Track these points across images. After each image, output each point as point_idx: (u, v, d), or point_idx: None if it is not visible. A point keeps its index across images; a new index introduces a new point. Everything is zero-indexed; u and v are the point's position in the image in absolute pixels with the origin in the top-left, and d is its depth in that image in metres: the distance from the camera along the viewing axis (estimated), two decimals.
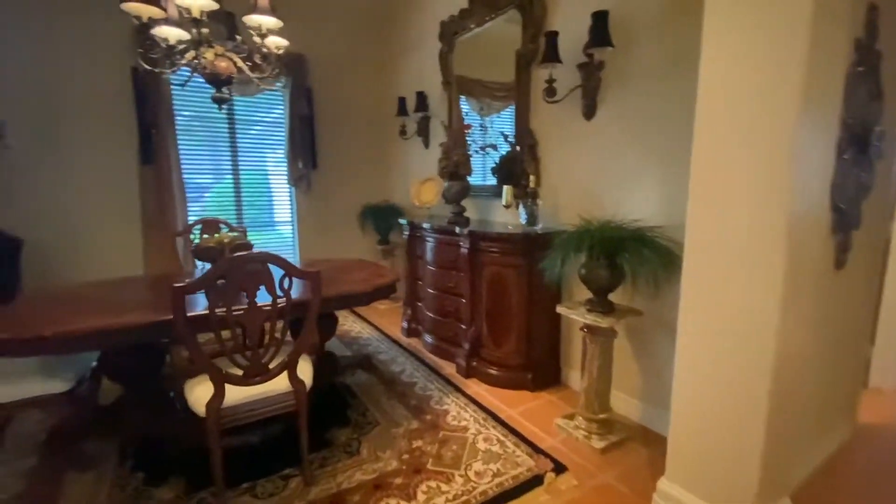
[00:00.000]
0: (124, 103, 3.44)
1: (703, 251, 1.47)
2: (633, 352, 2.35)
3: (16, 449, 2.10)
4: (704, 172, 1.45)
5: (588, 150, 2.50)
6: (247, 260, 1.58)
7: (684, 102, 1.69)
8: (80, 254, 3.42)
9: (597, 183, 2.46)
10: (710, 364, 1.49)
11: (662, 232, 1.96)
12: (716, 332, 1.46)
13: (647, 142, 2.18)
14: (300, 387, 1.80)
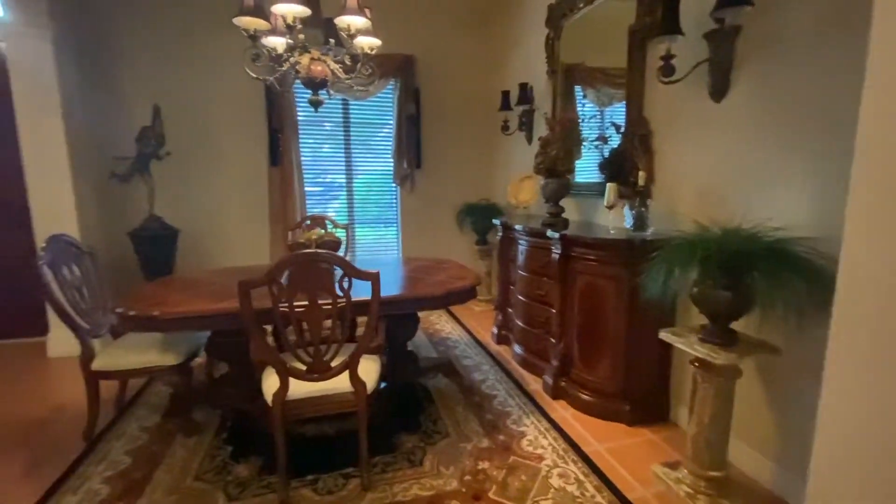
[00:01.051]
0: (257, 112, 3.89)
1: (866, 274, 1.02)
2: (766, 398, 1.83)
3: (147, 408, 2.49)
4: (872, 169, 1.00)
5: (715, 139, 2.02)
6: (307, 259, 1.58)
7: (850, 75, 1.21)
8: (220, 242, 3.97)
9: (725, 180, 1.98)
10: (866, 428, 1.03)
11: (812, 245, 1.46)
12: (879, 385, 1.00)
13: (796, 127, 1.66)
14: (360, 388, 1.77)
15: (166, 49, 3.64)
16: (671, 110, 2.27)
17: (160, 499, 1.77)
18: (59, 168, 3.12)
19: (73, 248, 2.26)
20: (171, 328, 1.91)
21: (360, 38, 2.33)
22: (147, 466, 1.98)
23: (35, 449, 2.14)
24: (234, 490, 1.82)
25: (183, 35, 3.65)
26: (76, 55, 3.28)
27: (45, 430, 2.31)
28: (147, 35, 3.59)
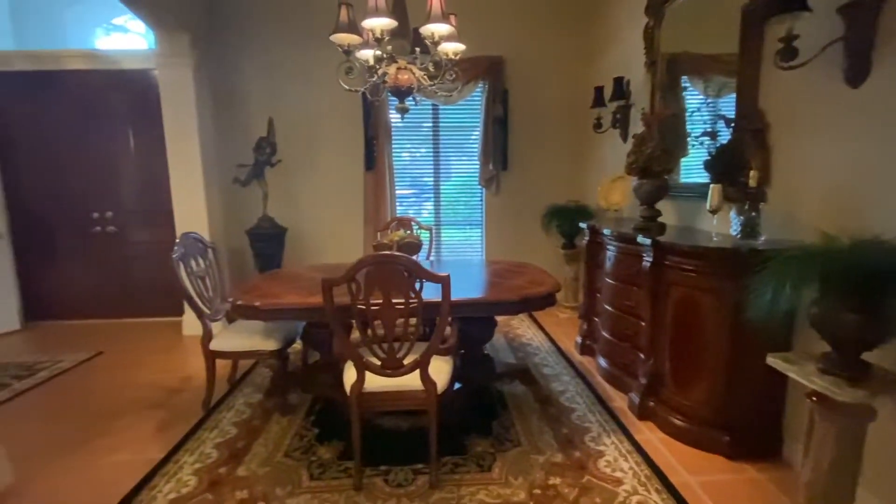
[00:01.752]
0: (356, 121, 4.17)
1: None
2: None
3: (253, 386, 2.81)
4: None
5: (850, 132, 1.70)
6: (381, 260, 1.66)
7: None
8: (321, 240, 4.34)
9: (861, 181, 1.65)
10: None
11: None
12: None
13: None
14: (431, 387, 1.81)
15: (279, 68, 4.08)
16: (793, 99, 1.96)
17: (256, 469, 1.99)
18: (194, 176, 3.67)
19: (199, 243, 2.64)
20: (269, 318, 2.14)
21: (444, 45, 2.38)
22: (248, 438, 2.23)
23: (166, 412, 2.54)
24: (315, 470, 1.97)
25: (292, 54, 4.06)
26: (209, 78, 3.83)
27: (175, 396, 2.73)
28: (263, 57, 4.07)
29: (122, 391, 2.82)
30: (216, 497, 1.81)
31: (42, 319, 4.19)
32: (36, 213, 4.08)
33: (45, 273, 4.17)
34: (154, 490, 1.86)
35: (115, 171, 4.10)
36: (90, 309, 4.25)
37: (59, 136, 4.01)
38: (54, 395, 2.82)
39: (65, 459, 2.10)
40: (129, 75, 3.93)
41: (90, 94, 3.97)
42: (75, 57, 3.89)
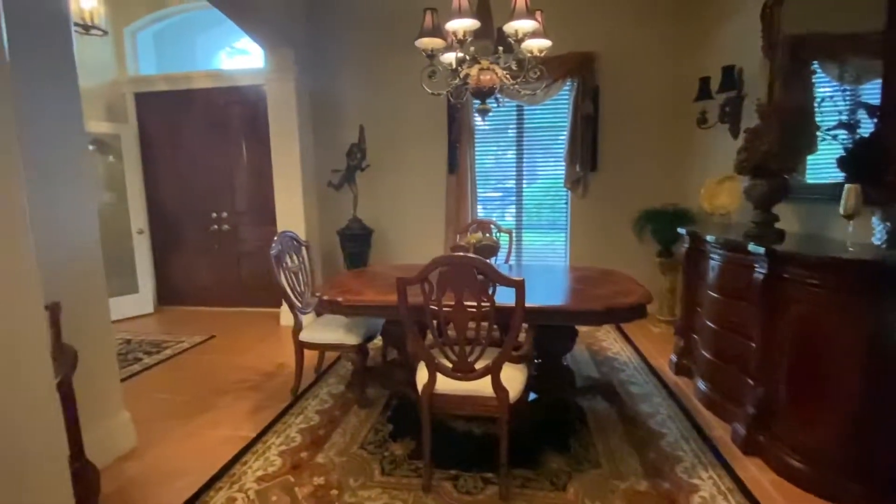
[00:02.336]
0: (440, 125, 4.24)
1: None
2: None
3: (336, 378, 2.96)
4: None
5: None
6: (454, 261, 1.63)
7: None
8: (405, 241, 4.47)
9: None
10: None
11: None
12: None
13: None
14: (502, 394, 1.75)
15: (370, 77, 4.30)
16: None
17: (333, 457, 2.08)
18: (294, 180, 4.00)
19: (294, 241, 2.85)
20: (350, 313, 2.24)
21: (528, 42, 2.31)
22: (329, 427, 2.35)
23: (261, 394, 2.77)
24: (387, 466, 2.01)
25: (382, 63, 4.25)
26: (309, 90, 4.15)
27: (269, 381, 2.98)
28: (356, 68, 4.31)
29: (227, 372, 3.14)
30: (296, 480, 1.92)
31: (170, 304, 4.86)
32: (168, 213, 4.75)
33: (174, 264, 4.83)
34: (245, 465, 2.03)
35: (230, 177, 4.63)
36: (207, 297, 4.83)
37: (188, 146, 4.63)
38: (174, 370, 3.23)
39: (177, 428, 2.39)
40: (245, 91, 4.41)
41: (213, 109, 4.53)
42: (202, 77, 4.46)
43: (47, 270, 1.83)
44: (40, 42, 1.80)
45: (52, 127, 1.85)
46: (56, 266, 1.85)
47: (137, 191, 4.58)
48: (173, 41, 4.74)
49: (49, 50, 1.84)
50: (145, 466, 2.07)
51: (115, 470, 2.01)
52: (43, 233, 1.82)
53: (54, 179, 1.87)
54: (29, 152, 1.75)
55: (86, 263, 2.01)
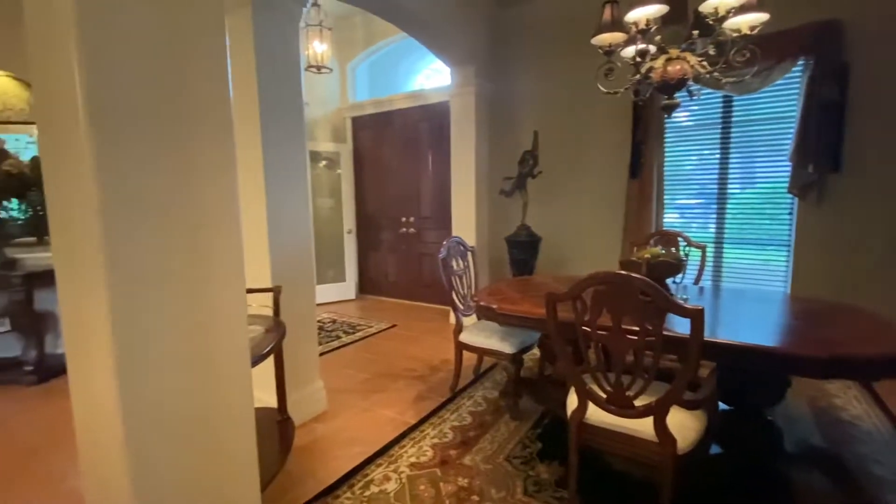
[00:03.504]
0: (623, 126, 3.88)
1: None
2: None
3: (492, 383, 2.99)
4: None
5: None
6: (612, 279, 1.45)
7: None
8: (576, 251, 4.25)
9: None
10: None
11: None
12: None
13: None
14: (667, 442, 1.48)
15: (546, 83, 4.21)
16: None
17: (479, 463, 2.10)
18: (468, 188, 4.22)
19: (461, 246, 3.00)
20: (502, 321, 2.22)
21: (735, 19, 1.91)
22: (479, 430, 2.39)
23: (425, 385, 3.00)
24: (531, 486, 1.93)
25: (560, 68, 4.11)
26: (488, 101, 4.31)
27: (433, 374, 3.21)
28: (532, 76, 4.28)
29: (401, 359, 3.51)
30: (443, 475, 2.01)
31: (367, 293, 5.71)
32: (370, 216, 5.58)
33: (372, 260, 5.66)
34: (402, 449, 2.22)
35: (418, 186, 5.17)
36: (395, 290, 5.51)
37: (387, 160, 5.35)
38: (362, 351, 3.77)
39: (357, 402, 2.77)
40: (434, 108, 4.87)
41: (408, 126, 5.13)
42: (401, 98, 5.10)
43: (274, 260, 2.36)
44: (279, 83, 2.32)
45: (283, 147, 2.36)
46: (279, 257, 2.35)
47: (349, 198, 5.53)
48: (382, 70, 5.55)
49: (284, 89, 2.36)
50: (330, 429, 2.46)
51: (308, 428, 2.45)
52: (274, 230, 2.35)
53: (283, 187, 2.38)
54: (267, 167, 2.28)
55: (301, 256, 2.51)
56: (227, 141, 1.08)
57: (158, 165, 0.95)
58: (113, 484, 0.97)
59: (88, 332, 0.94)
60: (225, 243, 1.09)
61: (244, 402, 1.18)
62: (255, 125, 2.24)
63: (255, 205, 2.31)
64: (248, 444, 1.22)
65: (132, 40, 0.91)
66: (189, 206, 1.02)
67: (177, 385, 1.02)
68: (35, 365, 3.08)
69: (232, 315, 1.12)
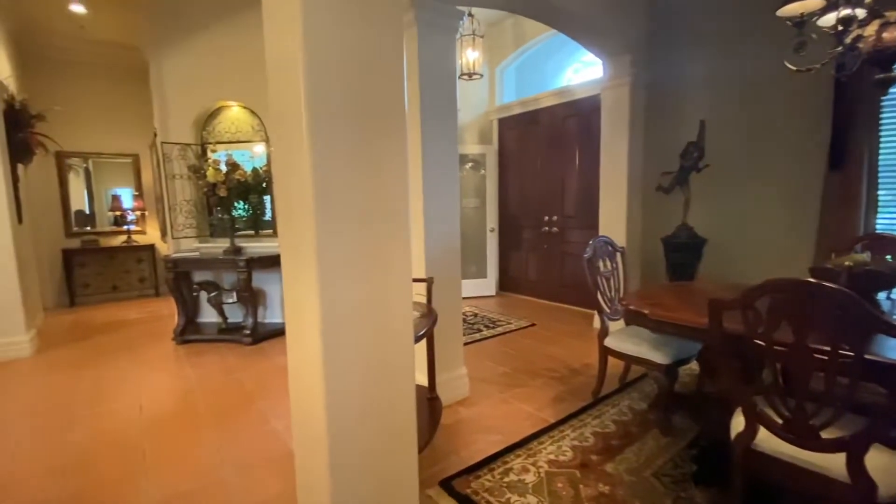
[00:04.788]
0: (819, 109, 3.22)
1: None
2: None
3: (640, 393, 2.81)
4: None
5: None
6: (798, 288, 1.26)
7: None
8: (750, 255, 3.68)
9: None
10: None
11: None
12: None
13: None
14: (864, 485, 1.24)
15: (717, 67, 3.72)
16: None
17: (622, 473, 2.02)
18: (619, 185, 3.99)
19: (609, 246, 2.88)
20: (656, 329, 2.08)
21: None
22: (623, 440, 2.29)
23: (564, 386, 2.97)
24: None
25: (734, 48, 3.59)
26: (644, 92, 4.00)
27: (574, 377, 3.15)
28: (700, 60, 3.81)
29: (540, 358, 3.52)
30: (582, 477, 1.99)
31: (507, 291, 5.84)
32: (512, 215, 5.68)
33: (512, 258, 5.75)
34: (541, 445, 2.26)
35: (563, 184, 5.07)
36: (534, 289, 5.51)
37: (531, 158, 5.37)
38: (502, 345, 3.89)
39: (496, 392, 2.89)
40: (581, 103, 4.72)
41: (554, 124, 5.07)
42: (547, 96, 5.07)
43: (428, 253, 2.61)
44: (437, 91, 2.56)
45: (438, 150, 2.60)
46: (432, 250, 2.60)
47: (493, 197, 5.71)
48: (529, 70, 5.59)
49: (441, 96, 2.59)
50: (472, 414, 2.62)
51: (452, 410, 2.66)
52: (429, 225, 2.60)
53: (437, 186, 2.62)
54: (424, 168, 2.54)
55: (450, 250, 2.73)
56: (402, 141, 1.28)
57: (353, 162, 1.19)
58: (315, 414, 1.24)
59: (303, 301, 1.22)
60: (397, 235, 1.30)
61: (408, 373, 1.38)
62: (416, 130, 2.52)
63: (414, 202, 2.60)
64: (409, 408, 1.42)
65: (337, 63, 1.16)
66: (374, 199, 1.24)
67: (360, 343, 1.26)
68: (252, 329, 3.96)
69: (401, 298, 1.32)
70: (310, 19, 1.09)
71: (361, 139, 1.18)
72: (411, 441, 1.48)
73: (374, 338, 1.28)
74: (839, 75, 1.98)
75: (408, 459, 1.48)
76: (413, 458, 1.50)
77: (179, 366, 3.53)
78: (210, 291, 4.12)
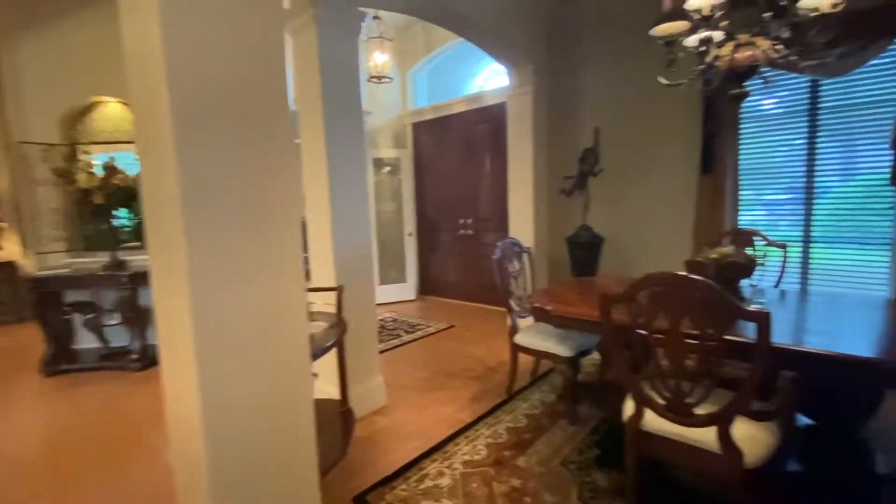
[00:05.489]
0: (692, 119, 3.64)
1: None
2: None
3: (549, 386, 2.95)
4: None
5: None
6: (668, 281, 1.39)
7: None
8: (641, 252, 4.05)
9: None
10: None
11: None
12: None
13: None
14: (732, 455, 1.39)
15: (608, 78, 4.06)
16: None
17: (533, 465, 2.09)
18: (525, 189, 4.18)
19: (516, 247, 3.00)
20: (557, 324, 2.19)
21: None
22: (534, 433, 2.37)
23: (481, 385, 3.03)
24: (586, 493, 1.88)
25: (621, 63, 3.94)
26: (546, 101, 4.24)
27: (490, 375, 3.22)
28: (593, 72, 4.14)
29: (459, 359, 3.56)
30: (496, 474, 2.02)
31: (427, 294, 5.85)
32: (429, 219, 5.71)
33: (431, 261, 5.78)
34: (457, 446, 2.27)
35: (477, 187, 5.21)
36: (454, 291, 5.59)
37: (446, 163, 5.45)
38: (421, 349, 3.88)
39: (415, 398, 2.86)
40: (492, 109, 4.88)
41: (466, 129, 5.19)
42: (458, 102, 5.18)
43: (337, 260, 2.51)
44: (341, 92, 2.48)
45: (345, 153, 2.51)
46: (342, 257, 2.50)
47: (410, 201, 5.69)
48: (441, 75, 5.67)
49: (346, 97, 2.51)
50: (389, 423, 2.57)
51: (369, 420, 2.58)
52: (338, 232, 2.50)
53: (346, 191, 2.53)
54: (331, 172, 2.44)
55: (362, 256, 2.65)
56: (288, 141, 1.19)
57: (229, 163, 1.07)
58: (192, 445, 1.11)
59: (174, 318, 1.09)
60: (288, 242, 1.21)
61: (304, 389, 1.29)
62: (320, 132, 2.41)
63: (321, 208, 2.49)
64: (307, 427, 1.33)
65: (207, 57, 1.05)
66: (258, 204, 1.14)
67: (245, 361, 1.14)
68: (139, 353, 3.53)
69: (294, 309, 1.24)
70: (169, 7, 0.97)
71: (238, 139, 1.08)
72: (310, 465, 1.38)
73: (262, 353, 1.18)
74: (704, 90, 2.24)
75: (307, 486, 1.38)
76: (313, 482, 1.40)
77: (49, 401, 3.04)
78: (86, 313, 3.60)
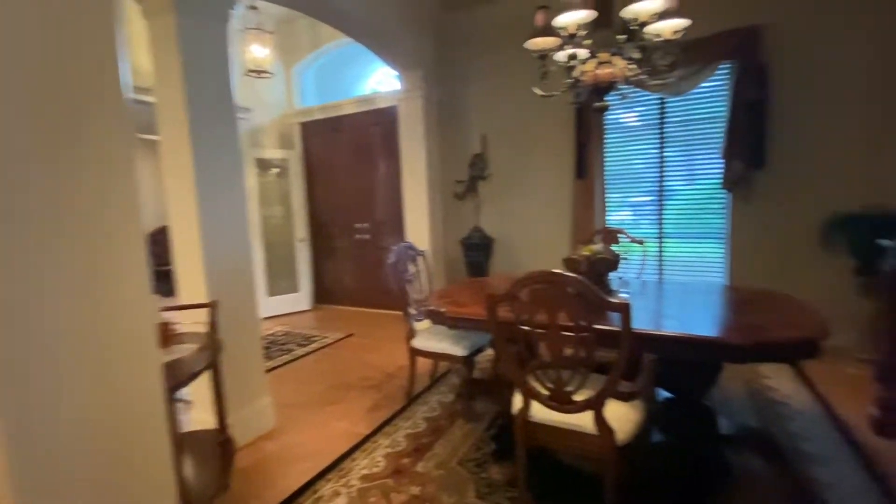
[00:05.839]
0: (567, 128, 3.98)
1: None
2: None
3: (447, 387, 2.98)
4: None
5: None
6: (545, 278, 1.48)
7: None
8: (528, 251, 4.32)
9: None
10: None
11: None
12: None
13: None
14: (607, 434, 1.52)
15: (492, 87, 4.27)
16: None
17: (431, 468, 2.08)
18: (420, 192, 4.21)
19: (411, 251, 2.98)
20: (451, 325, 2.22)
21: (658, 24, 2.00)
22: (433, 436, 2.37)
23: (380, 394, 2.95)
24: (483, 489, 1.92)
25: (504, 73, 4.17)
26: (436, 106, 4.32)
27: (389, 381, 3.16)
28: (479, 80, 4.32)
29: (357, 368, 3.44)
30: (395, 485, 1.97)
31: (323, 303, 5.57)
32: (323, 223, 5.46)
33: (327, 268, 5.53)
34: (354, 462, 2.17)
35: (372, 191, 5.10)
36: (352, 298, 5.40)
37: (339, 165, 5.26)
38: (317, 362, 3.67)
39: (309, 416, 2.69)
40: (385, 112, 4.82)
41: (358, 131, 5.06)
42: (349, 104, 5.03)
43: (209, 273, 2.25)
44: (209, 86, 2.23)
45: (215, 154, 2.26)
46: (215, 270, 2.25)
47: (300, 205, 5.38)
48: (330, 74, 5.46)
49: (215, 92, 2.26)
50: (279, 447, 2.37)
51: (255, 447, 2.35)
52: (209, 242, 2.24)
53: (217, 196, 2.27)
54: (198, 174, 2.18)
55: (240, 267, 2.41)
56: (124, 142, 1.00)
57: (32, 165, 0.86)
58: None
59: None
60: (128, 255, 1.02)
61: (156, 426, 1.10)
62: (182, 127, 2.13)
63: (187, 213, 2.20)
64: (162, 472, 1.14)
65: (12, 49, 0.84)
66: (85, 215, 0.94)
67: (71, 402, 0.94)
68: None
69: (137, 334, 1.05)
70: None
71: (46, 137, 0.88)
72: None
73: (92, 395, 0.97)
74: (574, 102, 2.45)
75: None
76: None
77: None
78: None
